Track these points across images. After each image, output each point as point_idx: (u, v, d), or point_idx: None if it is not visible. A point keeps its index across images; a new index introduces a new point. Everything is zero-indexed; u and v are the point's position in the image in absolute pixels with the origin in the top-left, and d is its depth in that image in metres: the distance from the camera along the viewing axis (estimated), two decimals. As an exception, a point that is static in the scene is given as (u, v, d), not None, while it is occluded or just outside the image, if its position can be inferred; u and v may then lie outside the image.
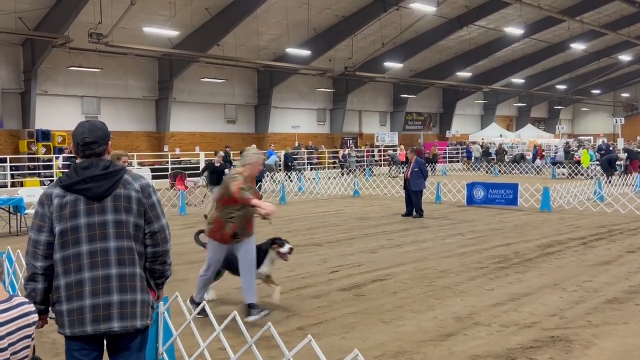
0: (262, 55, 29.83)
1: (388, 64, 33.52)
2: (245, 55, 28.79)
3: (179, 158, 28.13)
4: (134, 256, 2.99)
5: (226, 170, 14.22)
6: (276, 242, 6.23)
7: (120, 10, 20.79)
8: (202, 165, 26.84)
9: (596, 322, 5.63)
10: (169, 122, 29.51)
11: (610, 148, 29.92)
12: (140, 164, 25.51)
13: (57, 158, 23.23)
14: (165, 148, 29.05)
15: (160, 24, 23.72)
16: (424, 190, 14.37)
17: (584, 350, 4.95)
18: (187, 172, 20.92)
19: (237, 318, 3.69)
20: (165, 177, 23.03)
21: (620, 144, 31.66)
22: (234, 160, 26.02)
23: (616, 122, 33.44)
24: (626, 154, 25.87)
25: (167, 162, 26.66)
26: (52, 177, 22.55)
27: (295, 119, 34.31)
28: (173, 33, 24.41)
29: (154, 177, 23.02)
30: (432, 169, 29.62)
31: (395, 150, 34.82)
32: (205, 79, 30.35)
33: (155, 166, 26.44)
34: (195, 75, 29.92)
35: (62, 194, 2.96)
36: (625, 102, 57.43)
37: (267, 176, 22.73)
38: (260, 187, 20.86)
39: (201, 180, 23.58)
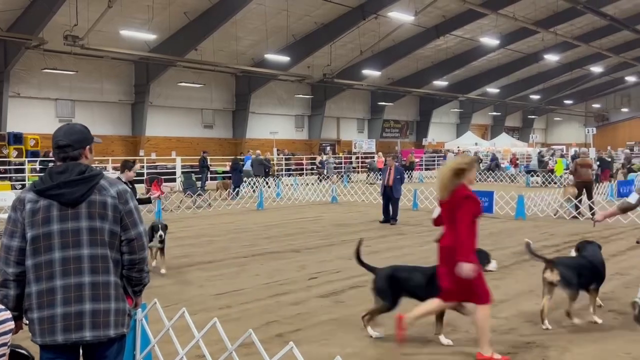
0: (241, 60, 29.76)
1: (366, 72, 33.74)
2: (223, 60, 28.67)
3: (154, 163, 27.80)
4: (108, 264, 2.92)
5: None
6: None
7: (97, 13, 20.53)
8: (178, 171, 26.69)
9: (572, 329, 5.71)
10: (145, 127, 29.19)
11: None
12: (115, 168, 25.14)
13: (29, 162, 22.75)
14: (141, 152, 28.70)
15: (138, 27, 23.48)
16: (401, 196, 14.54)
17: (559, 357, 5.01)
18: (163, 176, 20.65)
19: (218, 325, 3.64)
20: (141, 182, 22.71)
21: (592, 153, 32.31)
22: (211, 165, 25.84)
23: (588, 132, 34.18)
24: (598, 163, 26.40)
25: (143, 166, 26.32)
26: (24, 181, 22.08)
27: (274, 124, 34.24)
28: (150, 36, 24.18)
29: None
30: (409, 177, 29.83)
31: (373, 159, 34.99)
32: (183, 84, 30.11)
33: (131, 171, 26.07)
34: (172, 80, 29.66)
35: (35, 199, 2.88)
36: (597, 113, 58.81)
37: (245, 182, 22.64)
38: (238, 193, 20.73)
39: (177, 186, 23.36)
